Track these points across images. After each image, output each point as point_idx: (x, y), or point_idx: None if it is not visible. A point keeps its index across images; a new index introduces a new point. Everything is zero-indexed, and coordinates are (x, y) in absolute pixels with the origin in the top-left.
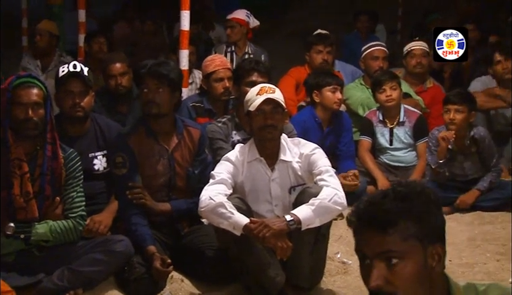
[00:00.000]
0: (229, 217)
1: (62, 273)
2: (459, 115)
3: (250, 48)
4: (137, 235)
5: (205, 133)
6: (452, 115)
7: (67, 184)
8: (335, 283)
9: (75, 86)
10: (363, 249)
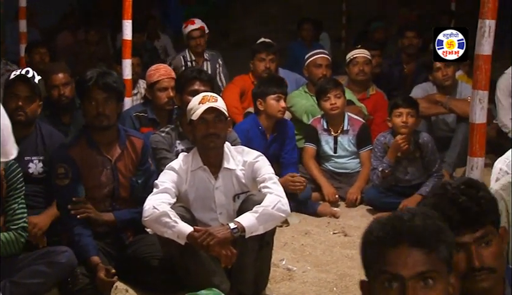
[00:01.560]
0: (173, 226)
1: (4, 286)
2: (411, 118)
3: (207, 54)
4: (80, 246)
5: (148, 142)
6: (405, 118)
7: (8, 195)
8: (280, 289)
9: (21, 90)
10: (398, 270)
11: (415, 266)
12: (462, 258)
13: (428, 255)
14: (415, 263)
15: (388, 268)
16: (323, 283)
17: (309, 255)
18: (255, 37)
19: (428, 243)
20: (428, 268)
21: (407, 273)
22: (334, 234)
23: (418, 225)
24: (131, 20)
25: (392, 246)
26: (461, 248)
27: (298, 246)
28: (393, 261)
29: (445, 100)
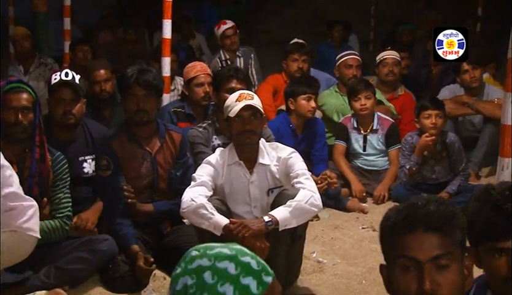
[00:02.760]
0: (210, 218)
1: (48, 271)
2: (439, 119)
3: (239, 51)
4: (121, 235)
5: (186, 136)
6: (434, 120)
7: (55, 185)
8: (311, 280)
9: (66, 94)
10: (415, 253)
11: (431, 250)
12: (503, 263)
13: (443, 239)
14: (431, 247)
15: (405, 252)
16: (352, 275)
17: (339, 249)
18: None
19: (443, 228)
20: (444, 252)
21: (423, 256)
22: (362, 229)
23: (433, 211)
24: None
25: (408, 231)
26: (503, 253)
27: (328, 240)
28: (409, 246)
29: (472, 101)
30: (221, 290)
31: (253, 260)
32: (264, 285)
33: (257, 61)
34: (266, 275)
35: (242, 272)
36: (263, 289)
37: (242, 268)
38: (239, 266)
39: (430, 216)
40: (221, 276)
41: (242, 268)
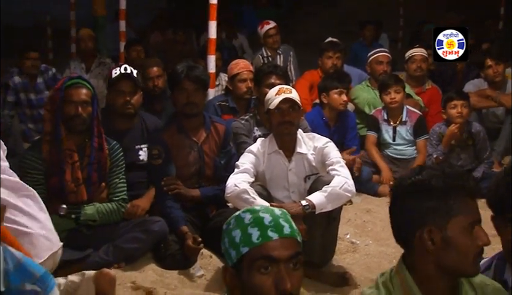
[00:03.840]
0: (252, 202)
1: (107, 249)
2: (465, 109)
3: (280, 49)
4: (171, 217)
5: (229, 128)
6: (459, 109)
7: (111, 171)
8: (345, 260)
9: (126, 86)
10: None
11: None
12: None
13: None
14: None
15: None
16: (383, 255)
17: (370, 231)
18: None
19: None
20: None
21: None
22: None
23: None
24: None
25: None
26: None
27: (360, 223)
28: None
29: (495, 95)
30: (234, 234)
31: (271, 218)
32: (266, 238)
33: (295, 58)
34: (273, 231)
35: (252, 223)
36: (263, 240)
37: (254, 220)
38: (253, 218)
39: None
40: (237, 223)
41: (254, 220)
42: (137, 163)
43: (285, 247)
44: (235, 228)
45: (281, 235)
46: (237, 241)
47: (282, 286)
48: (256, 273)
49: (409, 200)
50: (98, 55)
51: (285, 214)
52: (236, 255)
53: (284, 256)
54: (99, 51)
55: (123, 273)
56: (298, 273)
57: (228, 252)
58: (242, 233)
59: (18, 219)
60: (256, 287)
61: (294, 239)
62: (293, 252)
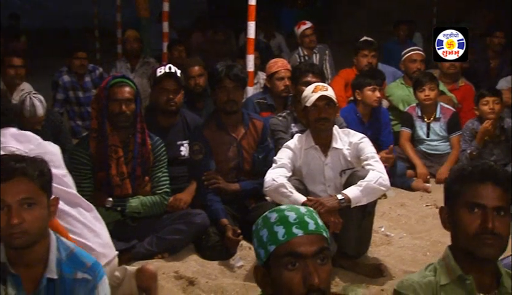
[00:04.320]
0: (289, 196)
1: (151, 240)
2: (497, 105)
3: (316, 49)
4: (212, 210)
5: (267, 124)
6: (491, 106)
7: (154, 165)
8: (379, 252)
9: (170, 84)
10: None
11: (496, 200)
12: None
13: (503, 193)
14: (497, 198)
15: (475, 199)
16: (417, 248)
17: (405, 224)
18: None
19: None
20: (503, 205)
21: (490, 203)
22: (426, 206)
23: (500, 170)
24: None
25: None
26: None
27: (394, 216)
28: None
29: None
30: (261, 233)
31: (295, 215)
32: (291, 235)
33: (331, 56)
34: (298, 228)
35: (277, 221)
36: (289, 237)
37: (280, 218)
38: (279, 216)
39: (498, 173)
40: (264, 223)
41: (280, 218)
42: (179, 158)
43: (311, 243)
44: (262, 228)
45: (306, 231)
46: (265, 240)
47: (309, 281)
48: (284, 270)
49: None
50: (142, 55)
51: (311, 211)
52: (264, 254)
53: (310, 252)
54: (144, 52)
55: (166, 263)
56: (325, 268)
57: (257, 252)
58: (268, 232)
59: (74, 228)
60: (285, 284)
61: (319, 235)
62: (318, 247)
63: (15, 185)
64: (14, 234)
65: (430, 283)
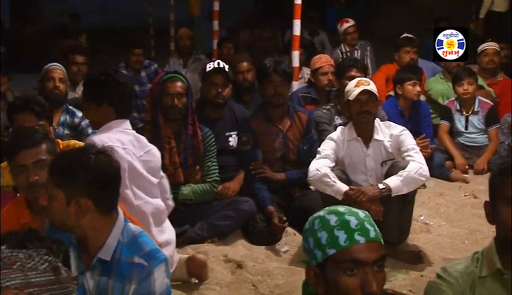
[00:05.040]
0: (333, 185)
1: (202, 226)
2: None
3: (357, 45)
4: (259, 198)
5: (311, 117)
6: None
7: (205, 155)
8: (419, 239)
9: (218, 79)
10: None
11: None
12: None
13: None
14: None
15: None
16: (455, 236)
17: (443, 213)
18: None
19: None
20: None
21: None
22: (464, 196)
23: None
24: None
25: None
26: None
27: (433, 205)
28: None
29: None
30: (319, 235)
31: (357, 221)
32: (353, 241)
33: (372, 53)
34: (360, 235)
35: (338, 225)
36: (350, 244)
37: (341, 222)
38: (339, 220)
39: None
40: (323, 225)
41: (341, 222)
42: (228, 149)
43: (371, 251)
44: (321, 230)
45: (367, 239)
46: (324, 242)
47: (368, 288)
48: (343, 275)
49: None
50: (194, 51)
51: (368, 217)
52: (322, 256)
53: (370, 259)
54: (195, 48)
55: (216, 247)
56: (382, 275)
57: (312, 252)
58: (328, 235)
59: None
60: (342, 288)
61: (379, 243)
62: (378, 255)
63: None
64: None
65: (471, 273)
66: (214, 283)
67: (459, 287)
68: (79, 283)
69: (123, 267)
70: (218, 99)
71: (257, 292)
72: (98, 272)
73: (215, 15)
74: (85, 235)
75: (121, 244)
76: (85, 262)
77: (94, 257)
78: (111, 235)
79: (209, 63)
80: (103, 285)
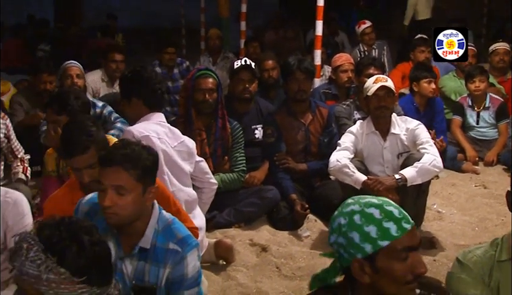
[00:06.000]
0: (352, 175)
1: (229, 212)
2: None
3: (375, 45)
4: (282, 186)
5: (332, 111)
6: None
7: (233, 147)
8: (432, 226)
9: (246, 75)
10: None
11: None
12: None
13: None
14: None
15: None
16: (466, 223)
17: (455, 202)
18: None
19: None
20: None
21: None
22: (475, 186)
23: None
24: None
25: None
26: None
27: (446, 195)
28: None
29: None
30: (367, 229)
31: (396, 210)
32: (403, 230)
33: (389, 52)
34: (405, 223)
35: (385, 217)
36: (402, 233)
37: (385, 214)
38: (383, 212)
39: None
40: (367, 219)
41: (385, 214)
42: (254, 141)
43: (416, 235)
44: (367, 225)
45: (411, 225)
46: (374, 235)
47: (419, 270)
48: (396, 262)
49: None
50: (223, 50)
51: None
52: (372, 249)
53: (418, 243)
54: (224, 47)
55: (242, 232)
56: None
57: (358, 246)
58: (378, 228)
59: None
60: (396, 274)
61: (415, 226)
62: (419, 237)
63: (112, 172)
64: (107, 214)
65: (490, 258)
66: (240, 265)
67: (478, 272)
68: (118, 268)
69: (159, 253)
70: (245, 95)
71: (280, 273)
72: (136, 258)
73: (243, 16)
74: (133, 224)
75: (156, 231)
76: (124, 249)
77: (134, 244)
78: (149, 223)
79: (237, 61)
80: (140, 269)
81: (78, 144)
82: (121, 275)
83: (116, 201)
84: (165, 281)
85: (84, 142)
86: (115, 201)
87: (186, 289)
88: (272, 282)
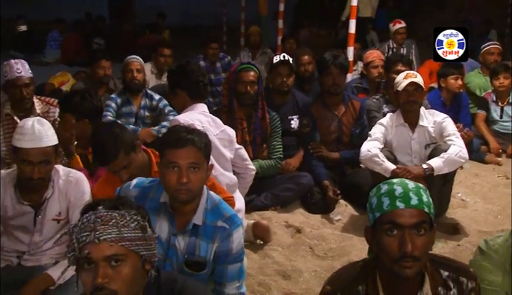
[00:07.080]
0: (381, 164)
1: (266, 195)
2: None
3: (404, 43)
4: (316, 173)
5: (364, 104)
6: None
7: (271, 136)
8: (456, 213)
9: (284, 70)
10: None
11: None
12: None
13: None
14: None
15: None
16: (489, 211)
17: (479, 191)
18: None
19: None
20: None
21: None
22: (498, 177)
23: None
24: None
25: None
26: None
27: (469, 184)
28: None
29: None
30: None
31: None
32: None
33: (417, 50)
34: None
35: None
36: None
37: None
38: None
39: None
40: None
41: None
42: (290, 130)
43: (410, 216)
44: (374, 196)
45: (407, 205)
46: (374, 207)
47: (403, 248)
48: (384, 235)
49: None
50: (262, 46)
51: (419, 188)
52: (372, 219)
53: (408, 223)
54: (263, 43)
55: (278, 214)
56: (421, 239)
57: (368, 215)
58: (377, 200)
59: None
60: (384, 246)
61: (420, 210)
62: (417, 220)
63: (186, 151)
64: (182, 190)
65: (510, 246)
66: (276, 245)
67: (499, 259)
68: (171, 243)
69: (208, 230)
70: (283, 87)
71: (313, 253)
72: (188, 234)
73: (280, 14)
74: (191, 204)
75: (205, 210)
76: (177, 226)
77: (186, 222)
78: (200, 202)
79: (276, 56)
80: (192, 245)
81: (108, 154)
82: (174, 250)
83: (191, 177)
84: (213, 255)
85: (112, 151)
86: (190, 178)
87: (230, 263)
88: (305, 261)
